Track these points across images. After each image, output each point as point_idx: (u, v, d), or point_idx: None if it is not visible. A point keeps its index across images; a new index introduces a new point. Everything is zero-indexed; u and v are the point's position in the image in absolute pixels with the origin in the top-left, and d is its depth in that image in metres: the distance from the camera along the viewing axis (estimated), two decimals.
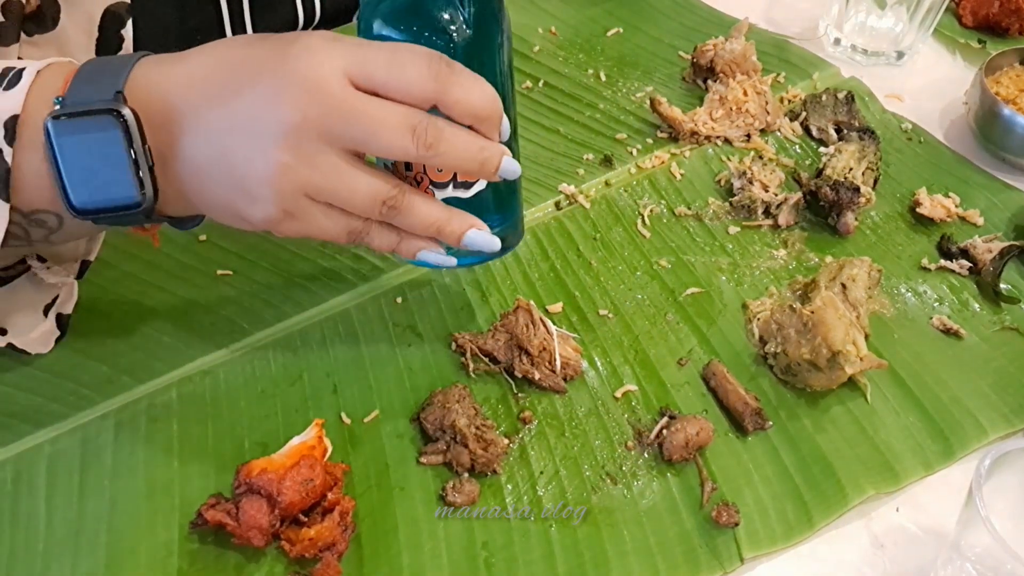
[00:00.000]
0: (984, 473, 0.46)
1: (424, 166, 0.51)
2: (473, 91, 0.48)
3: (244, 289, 0.65)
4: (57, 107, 0.46)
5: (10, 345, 0.57)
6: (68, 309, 0.61)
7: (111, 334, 0.61)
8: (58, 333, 0.60)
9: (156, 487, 0.53)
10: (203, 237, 0.67)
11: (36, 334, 0.58)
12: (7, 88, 0.47)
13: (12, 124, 0.46)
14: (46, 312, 0.59)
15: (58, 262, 0.60)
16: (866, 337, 0.61)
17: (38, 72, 0.48)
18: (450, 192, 0.52)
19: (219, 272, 0.65)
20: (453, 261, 0.54)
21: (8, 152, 0.46)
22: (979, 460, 0.46)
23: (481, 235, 0.52)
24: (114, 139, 0.46)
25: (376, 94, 0.47)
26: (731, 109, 0.80)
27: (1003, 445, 0.47)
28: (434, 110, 0.48)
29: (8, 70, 0.48)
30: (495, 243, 0.53)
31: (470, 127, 0.49)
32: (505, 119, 0.51)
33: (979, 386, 0.61)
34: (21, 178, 0.47)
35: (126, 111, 0.46)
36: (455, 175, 0.52)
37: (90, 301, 0.62)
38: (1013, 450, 0.47)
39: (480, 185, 0.53)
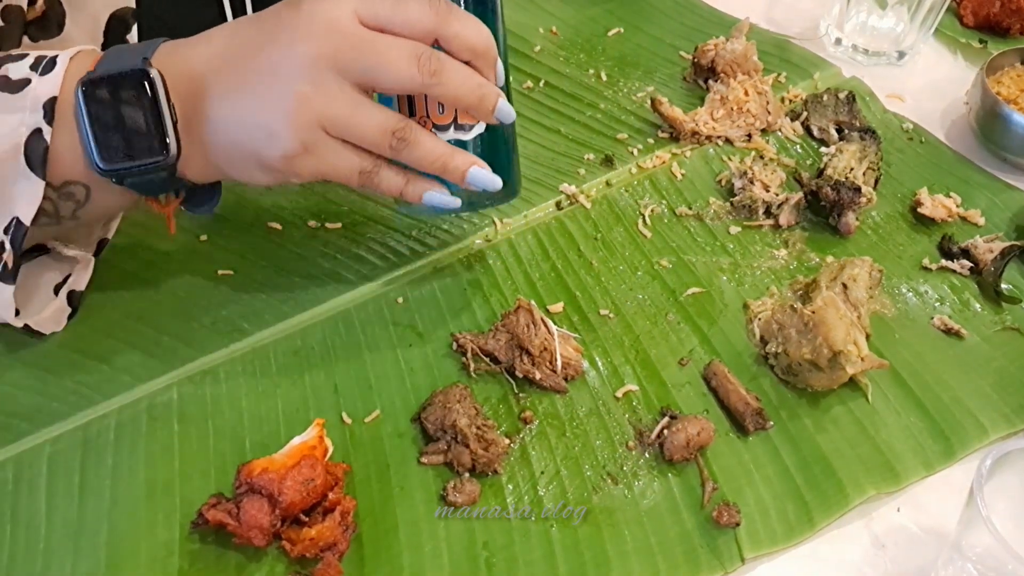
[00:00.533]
0: (985, 473, 0.46)
1: (427, 109, 0.55)
2: (469, 25, 0.52)
3: (244, 289, 0.65)
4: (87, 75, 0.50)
5: (26, 326, 0.58)
6: (81, 286, 0.61)
7: (111, 334, 0.61)
8: (69, 310, 0.61)
9: (157, 487, 0.53)
10: (203, 237, 0.68)
11: (48, 313, 0.59)
12: (43, 74, 0.51)
13: (51, 106, 0.50)
14: (56, 291, 0.60)
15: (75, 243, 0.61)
16: (867, 337, 0.61)
17: (71, 58, 0.51)
18: (451, 134, 0.56)
19: (219, 272, 0.65)
20: (458, 202, 0.56)
21: (48, 132, 0.50)
22: (980, 460, 0.46)
23: (484, 172, 0.55)
24: (141, 96, 0.50)
25: (383, 31, 0.51)
26: (732, 109, 0.80)
27: (1004, 445, 0.47)
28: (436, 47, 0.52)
29: (41, 58, 0.51)
30: (497, 181, 0.55)
31: (468, 64, 0.53)
32: (500, 63, 0.55)
33: (980, 386, 0.61)
34: (54, 152, 0.51)
35: (153, 71, 0.50)
36: (455, 118, 0.55)
37: (91, 300, 0.62)
38: (1014, 450, 0.47)
39: (480, 128, 0.56)
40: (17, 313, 0.56)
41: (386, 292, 0.65)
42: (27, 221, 0.51)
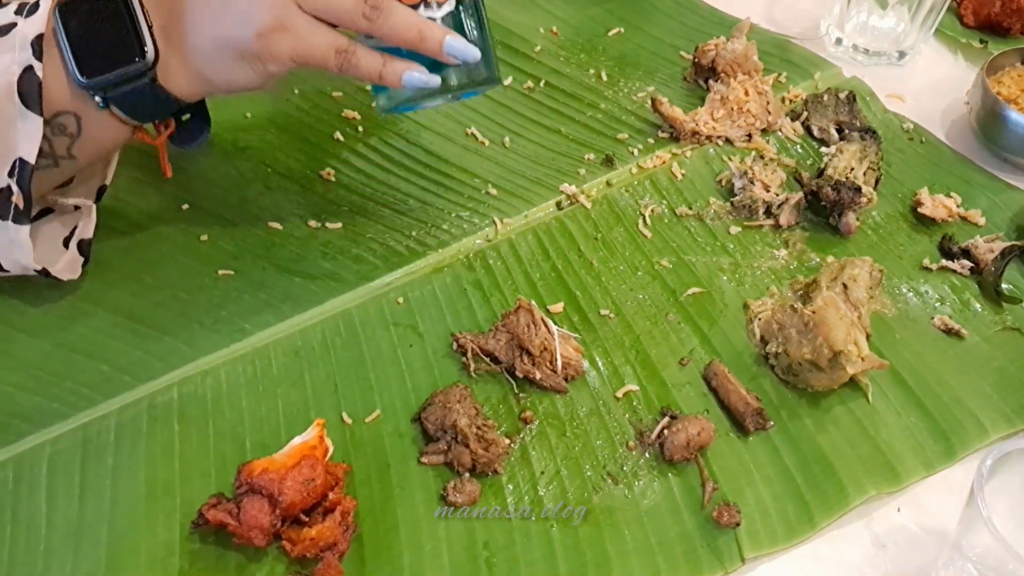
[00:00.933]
0: (985, 473, 0.46)
1: None
2: None
3: (244, 289, 0.64)
4: None
5: (44, 270, 0.58)
6: (88, 234, 0.62)
7: (111, 334, 0.61)
8: (82, 259, 0.62)
9: (157, 487, 0.53)
10: (204, 237, 0.67)
11: (61, 264, 0.60)
12: (27, 16, 0.52)
13: (38, 42, 0.52)
14: (66, 244, 0.61)
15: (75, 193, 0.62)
16: (867, 337, 0.61)
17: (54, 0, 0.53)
18: (421, 12, 0.55)
19: (219, 272, 0.65)
20: (438, 80, 0.56)
21: (39, 67, 0.52)
22: (980, 460, 0.46)
23: (461, 42, 0.55)
24: (115, 4, 0.52)
25: None
26: (732, 109, 0.80)
27: (1004, 445, 0.47)
28: None
29: (24, 4, 0.53)
30: (474, 51, 0.55)
31: None
32: None
33: (980, 386, 0.61)
34: (45, 84, 0.52)
35: None
36: None
37: (91, 300, 0.62)
38: (1014, 450, 0.47)
39: (449, 5, 0.56)
40: None
41: (386, 292, 0.65)
42: (31, 159, 0.52)
